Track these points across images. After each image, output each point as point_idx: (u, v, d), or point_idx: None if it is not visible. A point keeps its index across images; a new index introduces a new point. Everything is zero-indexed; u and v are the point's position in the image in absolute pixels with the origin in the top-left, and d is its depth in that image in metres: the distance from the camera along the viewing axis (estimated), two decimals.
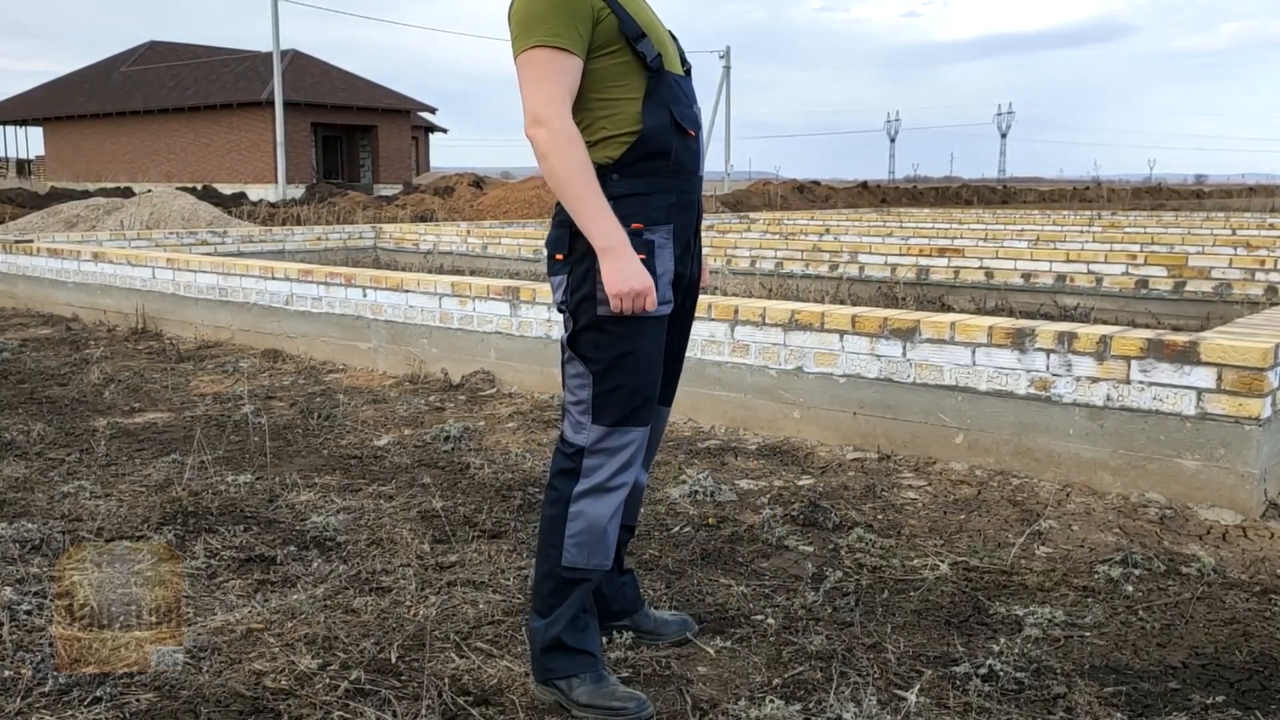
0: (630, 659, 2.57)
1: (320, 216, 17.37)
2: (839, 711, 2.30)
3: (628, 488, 2.38)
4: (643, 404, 2.32)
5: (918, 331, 4.21)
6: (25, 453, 4.37)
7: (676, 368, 2.56)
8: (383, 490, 3.88)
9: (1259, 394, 3.53)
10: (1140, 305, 7.99)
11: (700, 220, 2.48)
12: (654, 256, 2.28)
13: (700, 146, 2.41)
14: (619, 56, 2.27)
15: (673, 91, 2.34)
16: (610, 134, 2.27)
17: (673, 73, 2.35)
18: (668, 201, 2.31)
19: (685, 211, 2.38)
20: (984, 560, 3.22)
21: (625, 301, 2.19)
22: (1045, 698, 2.40)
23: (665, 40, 2.38)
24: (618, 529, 2.41)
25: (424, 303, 5.89)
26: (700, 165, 2.43)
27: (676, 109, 2.33)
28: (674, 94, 2.34)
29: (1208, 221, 13.11)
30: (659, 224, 2.30)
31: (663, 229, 2.30)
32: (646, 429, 2.36)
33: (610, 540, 2.37)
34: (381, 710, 2.32)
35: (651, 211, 2.30)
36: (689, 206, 2.39)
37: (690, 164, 2.37)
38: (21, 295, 8.90)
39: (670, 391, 2.58)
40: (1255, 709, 2.37)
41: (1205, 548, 3.33)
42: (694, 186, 2.40)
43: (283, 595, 2.94)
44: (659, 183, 2.31)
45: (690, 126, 2.36)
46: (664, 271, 2.31)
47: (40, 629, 2.70)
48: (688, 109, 2.37)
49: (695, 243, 2.46)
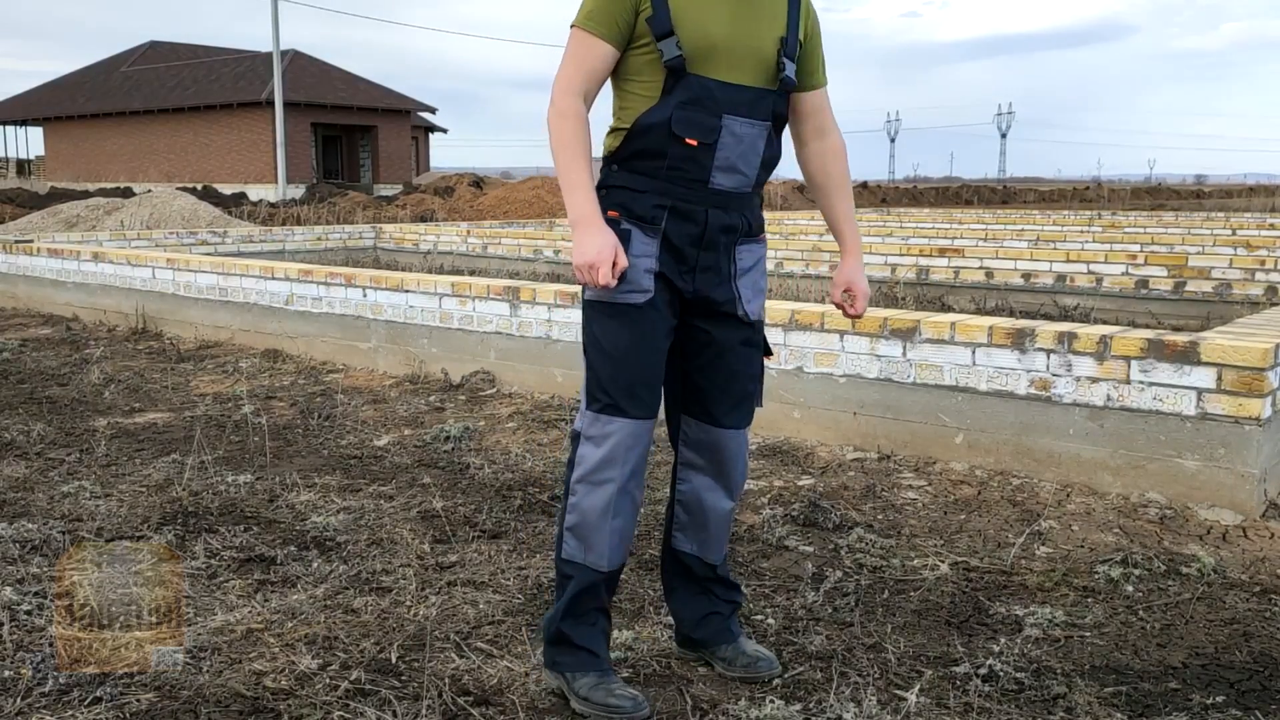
0: (630, 659, 2.57)
1: (320, 216, 17.37)
2: (839, 711, 2.31)
3: (615, 485, 2.32)
4: (624, 395, 2.30)
5: (918, 331, 4.21)
6: (25, 453, 4.37)
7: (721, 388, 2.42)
8: (383, 490, 3.88)
9: (1259, 394, 3.53)
10: (1140, 305, 7.99)
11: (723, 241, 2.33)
12: (630, 246, 2.27)
13: (711, 159, 2.28)
14: (648, 51, 2.27)
15: (696, 95, 2.25)
16: (617, 125, 2.33)
17: (712, 78, 2.25)
18: (658, 203, 2.29)
19: (684, 221, 2.30)
20: (984, 560, 3.22)
21: (583, 274, 2.21)
22: (1045, 698, 2.40)
23: (732, 44, 2.26)
24: (622, 533, 2.36)
25: (424, 303, 5.89)
26: (712, 178, 2.29)
27: (686, 113, 2.25)
28: (697, 98, 2.25)
29: (1208, 221, 13.10)
30: (644, 222, 2.29)
31: (646, 227, 2.29)
32: (634, 425, 2.30)
33: (609, 541, 2.34)
34: (382, 710, 2.32)
35: (637, 208, 2.29)
36: (690, 217, 2.30)
37: (694, 173, 2.28)
38: (22, 295, 8.90)
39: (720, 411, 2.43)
40: (1255, 709, 2.37)
41: (1205, 548, 3.33)
42: (700, 198, 2.29)
43: (283, 595, 2.94)
44: (654, 184, 2.29)
45: (694, 135, 2.26)
46: (643, 262, 2.28)
47: (40, 629, 2.70)
48: (705, 116, 2.26)
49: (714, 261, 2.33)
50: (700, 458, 2.48)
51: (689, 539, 2.52)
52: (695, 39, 2.24)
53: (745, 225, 2.38)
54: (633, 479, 2.36)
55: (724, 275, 2.37)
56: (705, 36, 2.24)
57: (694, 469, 2.49)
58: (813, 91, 2.47)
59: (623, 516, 2.36)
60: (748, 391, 2.46)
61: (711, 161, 2.28)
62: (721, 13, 2.26)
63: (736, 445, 2.47)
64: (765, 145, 2.35)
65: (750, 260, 2.41)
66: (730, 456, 2.47)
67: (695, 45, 2.24)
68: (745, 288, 2.39)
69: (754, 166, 2.34)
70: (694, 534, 2.52)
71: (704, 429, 2.45)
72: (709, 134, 2.26)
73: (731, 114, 2.27)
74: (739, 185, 2.33)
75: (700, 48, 2.24)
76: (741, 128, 2.28)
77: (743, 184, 2.34)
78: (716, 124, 2.26)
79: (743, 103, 2.28)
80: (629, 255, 2.26)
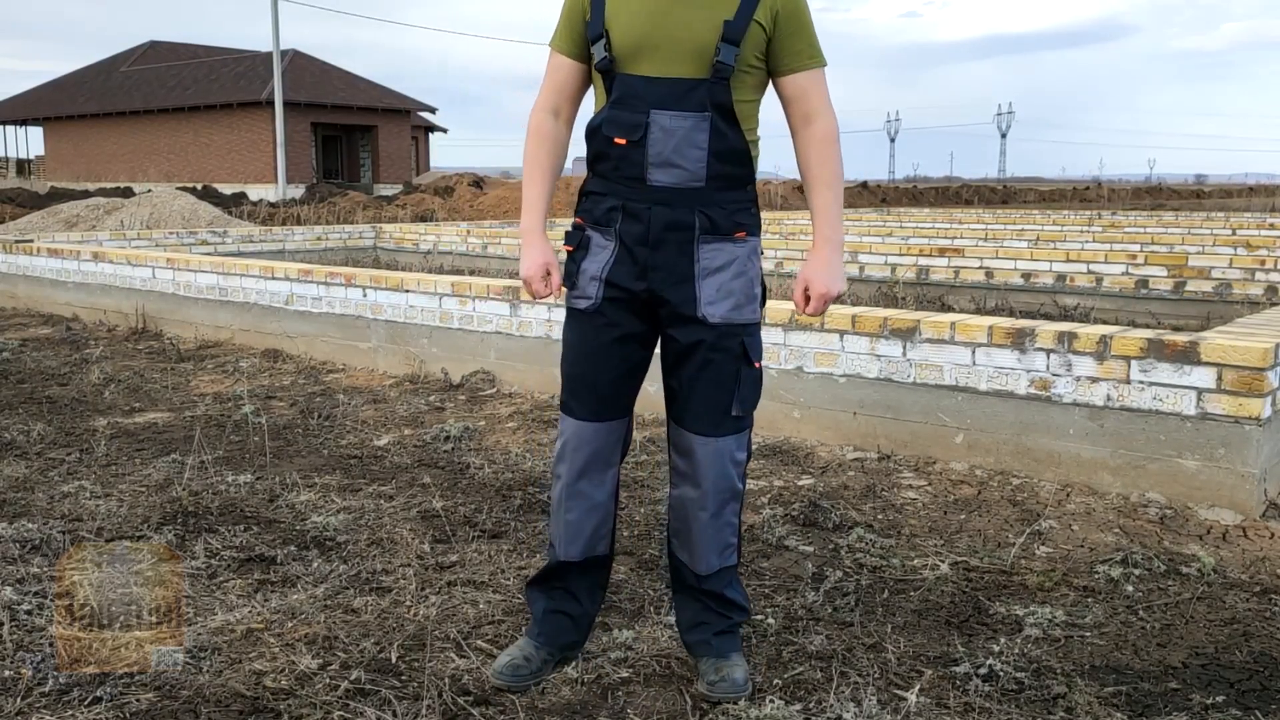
0: (630, 658, 2.57)
1: (320, 216, 17.37)
2: (839, 711, 2.30)
3: (563, 482, 2.44)
4: (570, 395, 2.42)
5: (918, 331, 4.21)
6: (25, 452, 4.37)
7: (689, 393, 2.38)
8: (383, 490, 3.88)
9: (1259, 394, 3.53)
10: (1140, 305, 7.99)
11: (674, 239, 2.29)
12: (587, 253, 2.36)
13: (644, 156, 2.26)
14: (594, 58, 2.34)
15: (623, 94, 2.27)
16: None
17: (639, 75, 2.25)
18: (611, 205, 2.33)
19: (632, 221, 2.30)
20: (984, 560, 3.22)
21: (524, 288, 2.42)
22: (1045, 698, 2.40)
23: (656, 39, 2.24)
24: (573, 528, 2.45)
25: (424, 303, 5.89)
26: (649, 175, 2.27)
27: (615, 112, 2.28)
28: (624, 97, 2.27)
29: (1208, 221, 13.10)
30: (602, 225, 2.35)
31: (604, 230, 2.35)
32: (578, 426, 2.40)
33: (560, 533, 2.48)
34: (382, 710, 2.32)
35: (596, 212, 2.37)
36: (636, 216, 2.30)
37: (631, 171, 2.28)
38: (22, 295, 8.90)
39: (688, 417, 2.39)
40: (1255, 709, 2.37)
41: (1205, 548, 3.33)
42: (642, 196, 2.29)
43: (283, 595, 2.94)
44: (608, 185, 2.35)
45: (621, 134, 2.26)
46: (591, 268, 2.36)
47: (40, 629, 2.70)
48: (630, 114, 2.26)
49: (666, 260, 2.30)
50: (681, 463, 2.45)
51: (680, 546, 2.51)
52: (622, 39, 2.27)
53: (707, 223, 2.31)
54: (582, 479, 2.42)
55: (681, 275, 2.32)
56: (631, 35, 2.26)
57: (678, 474, 2.47)
58: (791, 76, 2.33)
59: (574, 513, 2.45)
60: (715, 398, 2.35)
61: (644, 158, 2.28)
62: (652, 8, 2.26)
63: (705, 452, 2.38)
64: (711, 137, 2.27)
65: (719, 260, 2.32)
66: (700, 463, 2.39)
67: (622, 45, 2.27)
68: (708, 288, 2.32)
69: (696, 160, 2.27)
70: (682, 541, 2.50)
71: (679, 433, 2.43)
72: (634, 131, 2.27)
73: (659, 108, 2.26)
74: (682, 180, 2.28)
75: (627, 46, 2.27)
76: (671, 121, 2.25)
77: (687, 178, 2.28)
78: (643, 120, 2.26)
79: (671, 96, 2.25)
80: (586, 260, 2.36)
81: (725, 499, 2.43)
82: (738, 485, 2.44)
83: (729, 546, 2.47)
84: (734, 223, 2.34)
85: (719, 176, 2.30)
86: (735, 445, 2.40)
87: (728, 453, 2.39)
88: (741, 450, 2.43)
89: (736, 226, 2.34)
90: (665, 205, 2.29)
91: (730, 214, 2.33)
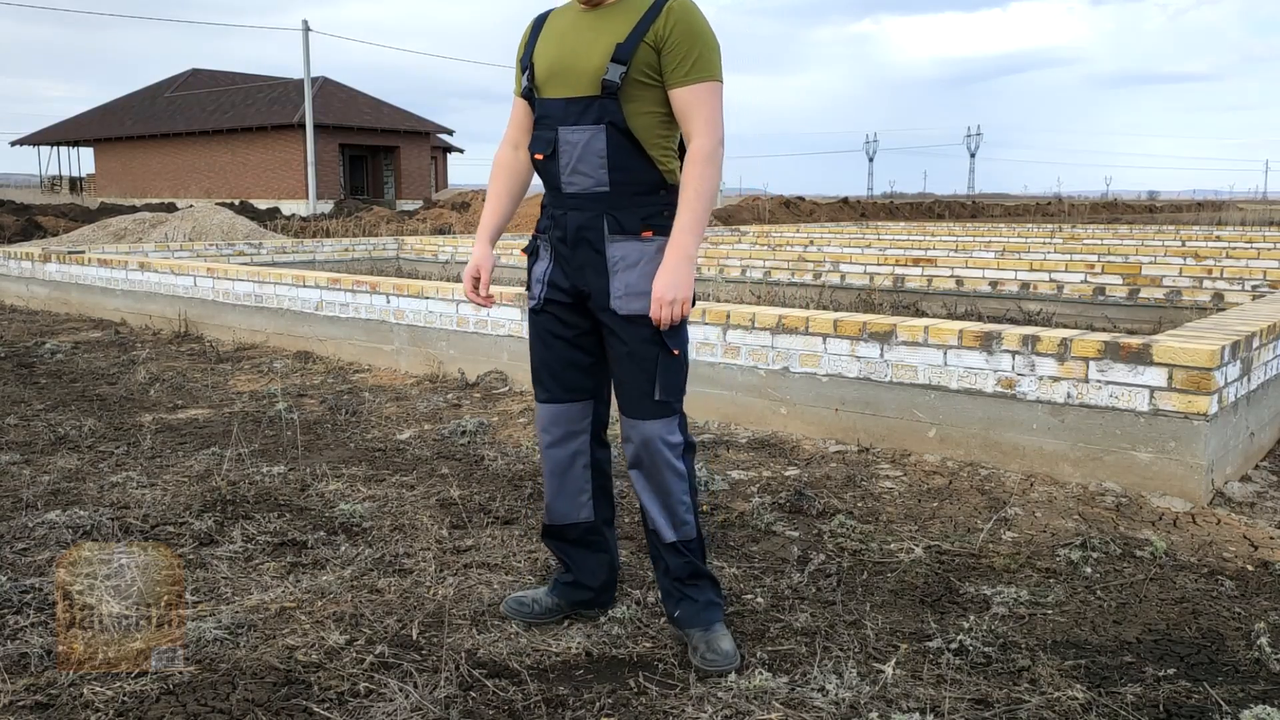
0: (630, 632, 2.57)
1: (347, 229, 17.36)
2: (822, 683, 2.30)
3: (541, 449, 2.58)
4: (538, 382, 2.55)
5: (894, 335, 4.21)
6: (77, 446, 4.37)
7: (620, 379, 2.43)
8: (404, 480, 3.88)
9: (1206, 392, 3.53)
10: (1098, 310, 7.98)
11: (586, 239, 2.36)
12: (536, 258, 2.51)
13: (558, 167, 2.37)
14: None
15: (540, 115, 2.41)
16: None
17: (551, 97, 2.37)
18: (548, 215, 2.47)
19: (555, 227, 2.44)
20: (955, 544, 3.22)
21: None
22: (1011, 670, 2.40)
23: (561, 66, 2.34)
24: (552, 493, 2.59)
25: (443, 308, 5.88)
26: (564, 183, 2.37)
27: (536, 132, 2.43)
28: (541, 117, 2.41)
29: (1160, 234, 13.08)
30: (542, 234, 2.49)
31: (544, 238, 2.49)
32: (542, 408, 2.54)
33: (548, 489, 2.60)
34: (404, 681, 2.32)
35: (541, 223, 2.51)
36: (557, 223, 2.43)
37: (552, 183, 2.43)
38: (74, 302, 8.90)
39: (621, 400, 2.44)
40: (1203, 680, 2.37)
41: (1157, 533, 3.33)
42: (561, 203, 2.40)
43: (313, 576, 2.94)
44: (548, 197, 2.47)
45: (539, 150, 2.41)
46: (537, 272, 2.49)
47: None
48: (546, 132, 2.38)
49: (584, 258, 2.37)
50: (626, 446, 2.46)
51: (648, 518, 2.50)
52: (539, 68, 2.40)
53: (615, 224, 2.35)
54: (554, 446, 2.55)
55: (597, 271, 2.38)
56: (544, 63, 2.39)
57: (627, 454, 2.47)
58: (673, 90, 2.31)
59: (553, 481, 2.58)
60: (638, 384, 2.37)
61: (558, 169, 2.39)
62: (563, 39, 2.38)
63: (637, 434, 2.40)
64: (608, 146, 2.31)
65: (631, 257, 2.35)
66: (635, 443, 2.41)
67: (539, 73, 2.40)
68: (618, 284, 2.35)
69: (598, 168, 2.33)
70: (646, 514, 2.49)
71: (620, 416, 2.47)
72: (547, 145, 2.39)
73: (563, 124, 2.36)
74: (590, 186, 2.36)
75: (542, 73, 2.39)
76: (575, 135, 2.35)
77: (592, 185, 2.35)
78: (553, 136, 2.38)
79: (573, 113, 2.35)
80: (535, 266, 2.50)
81: (666, 476, 2.42)
82: (678, 465, 2.43)
83: (685, 523, 2.46)
84: (641, 224, 2.36)
85: (625, 183, 2.35)
86: (664, 429, 2.40)
87: (658, 435, 2.40)
88: (674, 434, 2.41)
89: (644, 226, 2.36)
90: (578, 210, 2.39)
91: (640, 216, 2.36)
